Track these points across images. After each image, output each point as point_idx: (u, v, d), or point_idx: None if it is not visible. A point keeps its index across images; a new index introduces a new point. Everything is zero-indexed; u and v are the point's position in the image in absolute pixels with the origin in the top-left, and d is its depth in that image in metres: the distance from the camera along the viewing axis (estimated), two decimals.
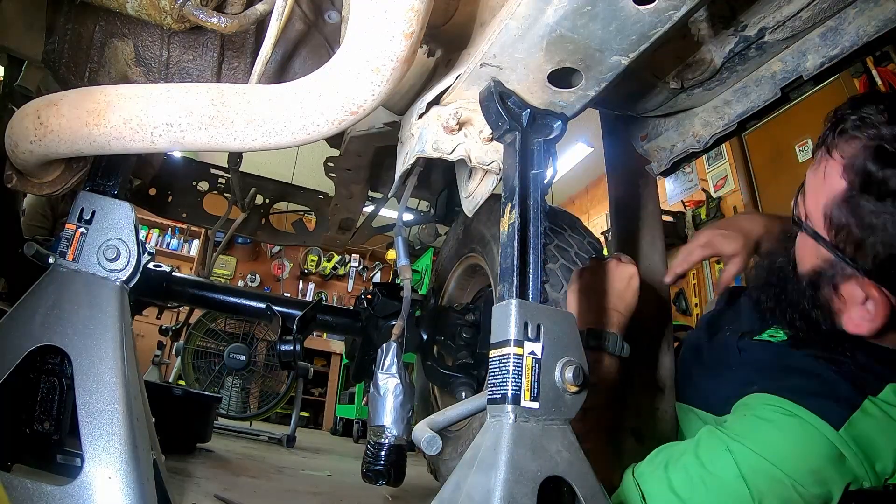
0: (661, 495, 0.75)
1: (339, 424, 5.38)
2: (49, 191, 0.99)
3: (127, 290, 0.90)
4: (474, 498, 0.57)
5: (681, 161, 1.20)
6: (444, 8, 0.86)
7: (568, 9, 0.62)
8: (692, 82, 1.03)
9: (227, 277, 6.84)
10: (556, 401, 0.62)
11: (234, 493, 1.44)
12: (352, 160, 1.68)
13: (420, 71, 0.96)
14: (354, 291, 7.42)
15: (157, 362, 3.35)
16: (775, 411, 0.77)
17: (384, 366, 0.95)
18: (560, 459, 0.60)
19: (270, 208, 2.55)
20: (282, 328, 1.50)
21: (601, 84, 0.74)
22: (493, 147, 0.83)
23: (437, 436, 0.78)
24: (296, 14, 1.10)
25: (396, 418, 0.93)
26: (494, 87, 0.75)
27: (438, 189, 2.31)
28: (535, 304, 0.65)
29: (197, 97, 0.74)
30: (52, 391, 0.86)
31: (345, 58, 0.67)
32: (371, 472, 0.92)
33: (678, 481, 0.75)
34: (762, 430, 0.76)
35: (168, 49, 1.03)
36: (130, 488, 0.72)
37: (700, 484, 0.73)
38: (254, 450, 2.74)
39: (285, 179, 2.67)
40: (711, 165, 4.68)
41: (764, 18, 0.90)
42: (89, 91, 0.80)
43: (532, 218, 0.70)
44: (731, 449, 0.74)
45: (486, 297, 1.71)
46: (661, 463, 0.79)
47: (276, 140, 0.75)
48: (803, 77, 0.95)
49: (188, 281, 1.93)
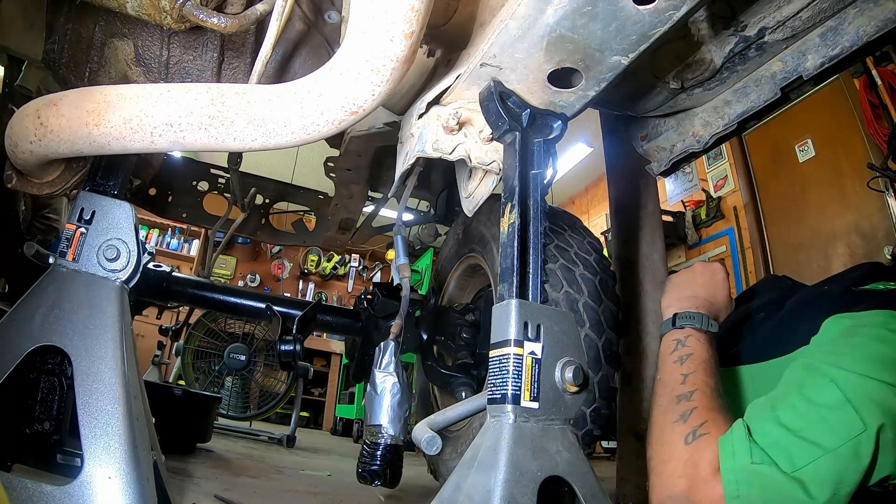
0: (771, 431, 0.74)
1: (339, 424, 5.38)
2: (49, 191, 0.99)
3: (127, 290, 0.90)
4: (474, 498, 0.57)
5: (681, 161, 1.20)
6: (444, 8, 0.86)
7: (568, 9, 0.62)
8: (692, 82, 1.03)
9: (227, 277, 6.84)
10: (555, 401, 0.62)
11: (234, 493, 1.43)
12: (352, 160, 1.68)
13: (420, 71, 0.96)
14: (354, 291, 7.42)
15: (157, 362, 3.35)
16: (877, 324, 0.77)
17: (382, 364, 0.95)
18: (560, 459, 0.60)
19: (270, 208, 2.55)
20: (282, 328, 1.49)
21: (601, 84, 0.74)
22: (493, 147, 0.83)
23: (436, 436, 0.78)
24: (296, 14, 1.10)
25: (393, 417, 0.92)
26: (494, 87, 0.75)
27: (438, 189, 2.31)
28: (535, 304, 0.65)
29: (197, 97, 0.74)
30: (52, 391, 0.87)
31: (345, 58, 0.67)
32: (367, 472, 0.92)
33: (787, 418, 0.74)
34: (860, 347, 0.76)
35: (168, 49, 1.03)
36: (130, 488, 0.72)
37: (809, 414, 0.72)
38: (254, 450, 2.74)
39: (285, 179, 2.67)
40: (711, 165, 4.68)
41: (764, 18, 0.90)
42: (89, 91, 0.80)
43: (532, 218, 0.70)
44: (833, 377, 0.74)
45: (486, 297, 1.71)
46: (767, 405, 0.78)
47: (276, 140, 0.75)
48: (803, 77, 0.95)
49: (188, 281, 1.93)
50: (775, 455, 0.71)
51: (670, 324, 0.96)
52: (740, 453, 0.72)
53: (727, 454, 0.73)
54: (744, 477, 0.71)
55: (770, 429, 0.74)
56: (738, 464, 0.72)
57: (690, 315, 0.95)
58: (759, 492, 0.70)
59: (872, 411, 0.70)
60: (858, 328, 0.81)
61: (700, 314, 0.95)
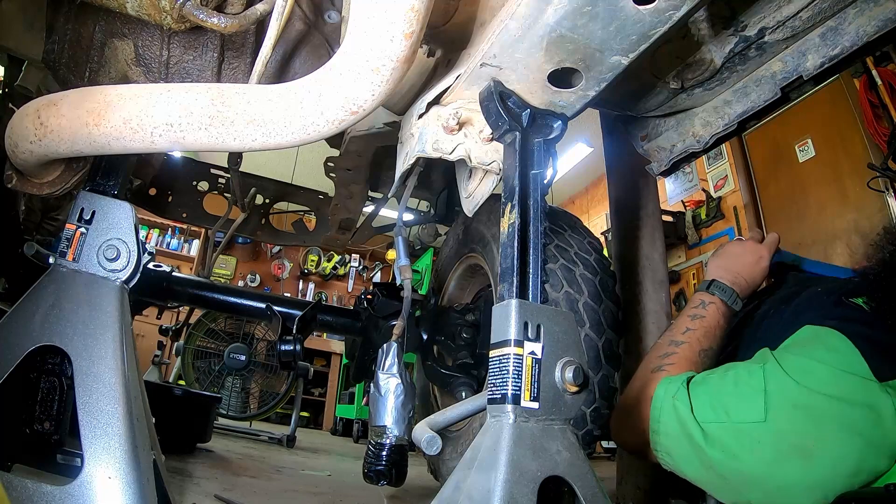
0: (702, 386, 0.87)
1: (339, 424, 5.38)
2: (49, 191, 0.99)
3: (127, 290, 0.90)
4: (474, 498, 0.57)
5: (681, 161, 1.20)
6: (444, 8, 0.86)
7: (568, 9, 0.62)
8: (692, 82, 1.03)
9: (227, 277, 6.83)
10: (555, 401, 0.62)
11: (234, 493, 1.44)
12: (352, 160, 1.68)
13: (420, 71, 0.96)
14: (354, 291, 7.42)
15: (157, 362, 3.34)
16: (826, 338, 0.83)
17: (385, 366, 0.96)
18: (560, 459, 0.60)
19: (270, 208, 2.55)
20: (282, 328, 1.49)
21: (601, 84, 0.74)
22: (493, 147, 0.83)
23: (437, 436, 0.78)
24: (296, 14, 1.10)
25: (397, 418, 0.93)
26: (494, 87, 0.75)
27: (438, 189, 2.31)
28: (535, 304, 0.65)
29: (197, 97, 0.74)
30: (52, 391, 0.86)
31: (345, 58, 0.67)
32: (372, 472, 0.92)
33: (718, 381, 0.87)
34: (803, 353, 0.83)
35: (168, 49, 1.03)
36: (130, 488, 0.72)
37: (733, 387, 0.84)
38: (254, 450, 2.74)
39: (285, 179, 2.67)
40: (711, 165, 4.68)
41: (764, 18, 0.90)
42: (89, 91, 0.80)
43: (532, 218, 0.70)
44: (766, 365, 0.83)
45: (486, 297, 1.71)
46: (721, 368, 0.91)
47: (276, 140, 0.75)
48: (803, 77, 0.95)
49: (188, 281, 1.93)
50: (695, 403, 0.85)
51: (706, 286, 1.08)
52: (670, 390, 0.88)
53: (661, 388, 0.89)
54: (665, 406, 0.87)
55: (703, 385, 0.87)
56: (665, 396, 0.88)
57: (724, 288, 1.06)
58: (674, 423, 0.85)
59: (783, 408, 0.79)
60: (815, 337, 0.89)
61: (732, 290, 1.06)
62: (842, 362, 0.80)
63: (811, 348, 0.85)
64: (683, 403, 0.85)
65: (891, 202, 3.22)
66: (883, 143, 3.16)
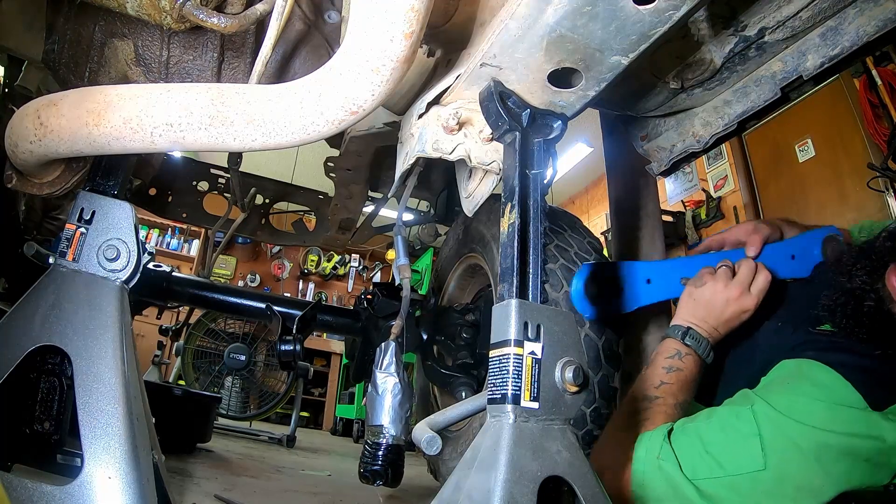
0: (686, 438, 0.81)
1: (339, 424, 5.38)
2: (49, 191, 0.99)
3: (127, 290, 0.90)
4: (474, 498, 0.57)
5: (681, 161, 1.20)
6: (444, 8, 0.86)
7: (568, 9, 0.62)
8: (692, 82, 1.03)
9: (227, 277, 6.84)
10: (556, 401, 0.62)
11: (234, 493, 1.44)
12: (352, 160, 1.68)
13: (420, 71, 0.96)
14: (354, 291, 7.42)
15: (157, 362, 3.35)
16: (810, 372, 0.81)
17: (383, 364, 0.95)
18: (560, 459, 0.60)
19: (270, 208, 2.55)
20: (282, 328, 1.49)
21: (601, 84, 0.74)
22: (493, 147, 0.83)
23: (437, 436, 0.78)
24: (296, 14, 1.10)
25: (395, 418, 0.92)
26: (494, 87, 0.75)
27: (438, 189, 2.31)
28: (535, 304, 0.65)
29: (197, 97, 0.74)
30: (52, 391, 0.86)
31: (345, 58, 0.67)
32: (368, 472, 0.92)
33: (704, 430, 0.81)
34: (791, 390, 0.80)
35: (168, 49, 1.02)
36: (130, 488, 0.72)
37: (723, 435, 0.78)
38: (254, 450, 2.74)
39: (285, 179, 2.67)
40: (711, 165, 4.68)
41: (764, 18, 0.90)
42: (89, 91, 0.80)
43: (532, 218, 0.70)
44: (755, 406, 0.79)
45: (486, 297, 1.71)
46: (702, 416, 0.86)
47: (276, 140, 0.74)
48: (803, 77, 0.95)
49: (188, 281, 1.93)
50: (682, 459, 0.78)
51: (680, 334, 1.00)
52: (652, 448, 0.81)
53: (641, 447, 0.83)
54: (649, 468, 0.80)
55: (687, 436, 0.81)
56: (647, 457, 0.81)
57: (699, 339, 1.00)
58: (663, 485, 0.79)
59: (783, 451, 0.75)
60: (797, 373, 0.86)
61: (708, 343, 1.00)
62: (834, 396, 0.77)
63: (796, 384, 0.81)
64: (670, 462, 0.79)
65: (891, 202, 3.22)
66: (883, 143, 3.16)
